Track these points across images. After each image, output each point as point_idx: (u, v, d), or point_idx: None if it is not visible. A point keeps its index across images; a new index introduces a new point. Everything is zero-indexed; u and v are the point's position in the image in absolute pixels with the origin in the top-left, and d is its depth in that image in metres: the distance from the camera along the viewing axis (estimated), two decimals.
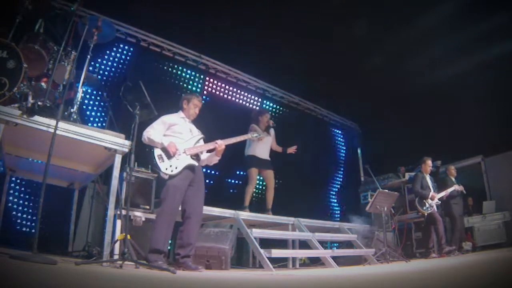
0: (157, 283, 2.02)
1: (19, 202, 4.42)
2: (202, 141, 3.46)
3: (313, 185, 7.83)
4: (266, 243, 4.60)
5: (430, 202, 5.44)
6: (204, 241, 3.82)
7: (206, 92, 6.70)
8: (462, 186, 5.79)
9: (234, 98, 7.16)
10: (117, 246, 2.99)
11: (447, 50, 5.94)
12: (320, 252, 4.48)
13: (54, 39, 3.57)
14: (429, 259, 5.17)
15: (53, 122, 2.59)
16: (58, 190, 4.30)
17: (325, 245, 6.06)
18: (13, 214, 4.34)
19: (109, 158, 3.17)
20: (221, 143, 3.36)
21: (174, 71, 6.32)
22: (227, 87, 7.07)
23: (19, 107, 2.63)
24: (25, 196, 4.47)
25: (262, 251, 3.74)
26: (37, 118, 2.63)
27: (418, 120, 6.98)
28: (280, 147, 5.50)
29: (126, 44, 5.74)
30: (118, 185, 2.94)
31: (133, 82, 3.31)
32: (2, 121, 2.47)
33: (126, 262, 2.65)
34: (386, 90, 6.91)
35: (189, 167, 3.22)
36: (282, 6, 5.45)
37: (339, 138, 9.27)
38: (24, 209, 4.42)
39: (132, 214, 3.62)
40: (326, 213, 8.15)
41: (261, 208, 5.21)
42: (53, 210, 4.31)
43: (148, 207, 3.91)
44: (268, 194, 5.26)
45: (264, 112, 5.48)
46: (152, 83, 4.27)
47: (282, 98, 7.86)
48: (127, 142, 3.00)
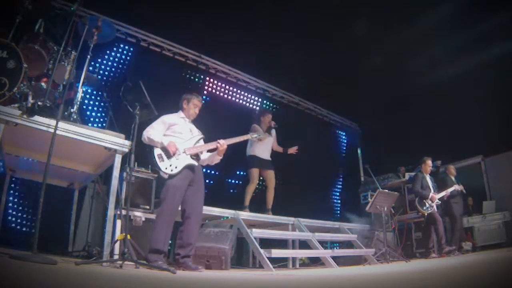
0: (157, 283, 2.02)
1: (19, 202, 4.42)
2: (202, 141, 3.47)
3: (313, 185, 7.82)
4: (266, 243, 4.60)
5: (430, 202, 5.45)
6: (204, 241, 3.82)
7: (206, 92, 6.69)
8: (462, 185, 5.80)
9: (234, 98, 7.16)
10: (117, 246, 2.99)
11: (447, 50, 5.94)
12: (320, 252, 4.48)
13: (54, 39, 3.57)
14: (429, 259, 5.17)
15: (53, 122, 2.59)
16: (58, 190, 4.30)
17: (325, 245, 6.06)
18: (13, 214, 4.34)
19: (109, 158, 3.17)
20: (223, 143, 3.37)
21: (174, 71, 6.32)
22: (227, 87, 7.07)
23: (19, 107, 2.63)
24: (25, 196, 4.46)
25: (262, 251, 3.75)
26: (37, 118, 2.63)
27: (418, 120, 6.98)
28: (280, 148, 5.50)
29: (126, 44, 5.74)
30: (118, 185, 2.94)
31: (133, 82, 3.30)
32: (2, 121, 2.47)
33: (126, 262, 2.65)
34: (386, 90, 6.92)
35: (188, 167, 3.22)
36: (282, 6, 5.44)
37: (339, 138, 9.27)
38: (24, 209, 4.41)
39: (132, 214, 3.63)
40: (326, 213, 8.15)
41: (261, 208, 5.21)
42: (53, 210, 4.30)
43: (148, 207, 3.92)
44: (268, 194, 5.26)
45: (266, 112, 5.50)
46: (152, 83, 4.25)
47: (282, 98, 7.86)
48: (127, 142, 3.00)
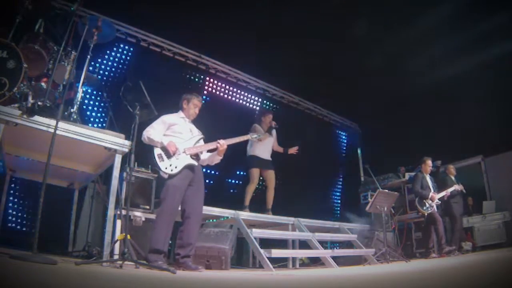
0: (157, 283, 2.02)
1: (19, 202, 4.42)
2: (202, 141, 3.47)
3: (313, 185, 7.82)
4: (266, 243, 4.60)
5: (430, 202, 5.45)
6: (204, 241, 3.82)
7: (206, 92, 6.69)
8: (462, 185, 5.80)
9: (234, 98, 7.16)
10: (117, 246, 2.99)
11: (447, 50, 5.94)
12: (320, 252, 4.48)
13: (54, 39, 3.57)
14: (429, 259, 5.17)
15: (53, 122, 2.59)
16: (58, 190, 4.30)
17: (325, 245, 6.05)
18: (13, 214, 4.34)
19: (109, 158, 3.17)
20: (223, 143, 3.37)
21: (174, 71, 6.31)
22: (227, 87, 7.06)
23: (19, 107, 2.63)
24: (25, 196, 4.46)
25: (262, 251, 3.75)
26: (37, 118, 2.63)
27: (418, 120, 6.98)
28: (281, 148, 5.49)
29: (126, 44, 5.74)
30: (118, 185, 2.94)
31: (133, 82, 3.30)
32: (2, 121, 2.47)
33: (126, 262, 2.65)
34: (386, 90, 6.91)
35: (188, 167, 3.22)
36: (282, 6, 5.44)
37: (339, 138, 9.27)
38: (24, 209, 4.41)
39: (132, 214, 3.63)
40: (326, 213, 8.15)
41: (261, 208, 5.21)
42: (53, 210, 4.29)
43: (148, 207, 3.92)
44: (268, 194, 5.26)
45: (267, 113, 5.49)
46: (152, 83, 4.25)
47: (282, 98, 7.85)
48: (127, 142, 3.00)
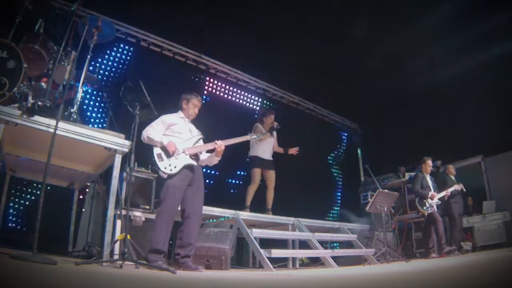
0: (157, 283, 2.02)
1: (20, 202, 4.42)
2: (202, 141, 3.47)
3: (313, 185, 7.82)
4: (266, 243, 4.60)
5: (430, 202, 5.44)
6: (204, 241, 3.82)
7: (206, 92, 6.70)
8: (462, 184, 5.80)
9: (234, 98, 7.16)
10: (117, 246, 2.99)
11: (447, 50, 5.94)
12: (320, 252, 4.48)
13: (54, 39, 3.57)
14: (429, 259, 5.17)
15: (53, 122, 2.59)
16: (58, 190, 4.30)
17: (325, 245, 6.05)
18: (13, 214, 4.34)
19: (109, 158, 3.17)
20: (220, 144, 3.35)
21: (174, 71, 6.31)
22: (227, 87, 7.07)
23: (19, 107, 2.63)
24: (25, 196, 4.47)
25: (262, 251, 3.75)
26: (37, 118, 2.63)
27: (418, 120, 6.97)
28: (281, 149, 5.47)
29: (126, 44, 5.74)
30: (118, 185, 2.94)
31: (133, 82, 3.30)
32: (2, 121, 2.47)
33: (126, 262, 2.65)
34: (386, 90, 6.91)
35: (188, 167, 3.22)
36: (282, 6, 5.44)
37: (339, 138, 9.27)
38: (24, 209, 4.42)
39: (132, 214, 3.63)
40: (326, 213, 8.15)
41: (261, 208, 5.21)
42: (53, 210, 4.30)
43: (148, 207, 3.92)
44: (268, 194, 5.26)
45: (268, 113, 5.46)
46: (152, 83, 4.25)
47: (282, 98, 7.85)
48: (127, 142, 3.00)
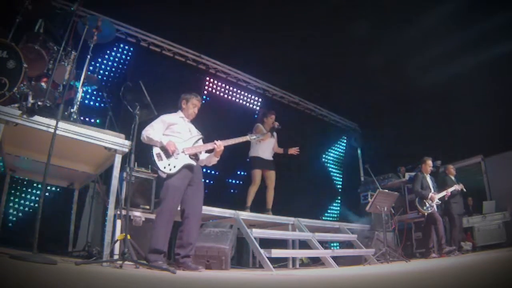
0: (157, 283, 2.02)
1: (19, 202, 4.42)
2: (201, 141, 3.47)
3: (313, 185, 7.82)
4: (266, 243, 4.59)
5: (430, 202, 5.44)
6: (204, 241, 3.82)
7: (206, 92, 6.69)
8: (462, 184, 5.80)
9: (234, 98, 7.16)
10: (117, 246, 2.99)
11: (447, 50, 5.93)
12: (320, 252, 4.48)
13: (54, 39, 3.57)
14: (429, 259, 5.16)
15: (53, 122, 2.59)
16: (58, 190, 4.31)
17: (325, 245, 6.06)
18: (13, 214, 4.34)
19: (109, 158, 3.17)
20: (219, 144, 3.35)
21: (174, 71, 6.31)
22: (227, 87, 7.06)
23: (19, 107, 2.64)
24: (25, 196, 4.47)
25: (262, 251, 3.75)
26: (37, 118, 2.63)
27: (418, 120, 6.98)
28: (281, 149, 5.46)
29: (126, 44, 5.74)
30: (118, 185, 2.94)
31: (133, 82, 3.31)
32: (2, 121, 2.47)
33: (126, 262, 2.65)
34: (386, 90, 6.91)
35: (187, 167, 3.22)
36: (282, 6, 5.44)
37: (339, 138, 9.27)
38: (24, 209, 4.42)
39: (132, 214, 3.63)
40: (325, 213, 8.15)
41: (261, 208, 5.21)
42: (53, 210, 4.32)
43: (148, 207, 3.92)
44: (268, 194, 5.26)
45: (269, 113, 5.43)
46: (152, 83, 4.26)
47: (282, 98, 7.85)
48: (127, 142, 3.00)
